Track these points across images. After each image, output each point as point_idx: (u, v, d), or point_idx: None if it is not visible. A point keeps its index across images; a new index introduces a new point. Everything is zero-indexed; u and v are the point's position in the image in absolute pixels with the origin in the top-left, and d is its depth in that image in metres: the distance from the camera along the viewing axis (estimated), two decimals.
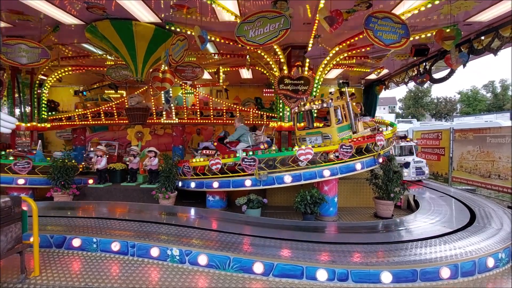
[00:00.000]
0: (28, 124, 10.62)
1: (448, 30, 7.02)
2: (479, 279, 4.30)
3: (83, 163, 10.08)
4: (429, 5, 6.42)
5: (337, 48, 8.80)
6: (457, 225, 5.87)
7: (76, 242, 5.07)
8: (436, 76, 10.40)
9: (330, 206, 7.00)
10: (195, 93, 12.10)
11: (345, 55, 9.40)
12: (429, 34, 7.81)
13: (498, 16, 7.06)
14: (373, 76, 13.07)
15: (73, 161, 8.82)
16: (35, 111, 10.78)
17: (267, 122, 11.21)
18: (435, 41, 7.31)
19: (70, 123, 11.68)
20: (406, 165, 10.50)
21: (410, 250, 4.75)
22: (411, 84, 11.71)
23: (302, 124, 8.64)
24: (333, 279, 4.12)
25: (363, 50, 9.13)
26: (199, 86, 12.96)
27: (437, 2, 6.32)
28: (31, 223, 4.24)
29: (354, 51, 9.30)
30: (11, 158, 8.36)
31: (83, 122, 11.72)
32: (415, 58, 9.48)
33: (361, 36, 7.82)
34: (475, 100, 47.90)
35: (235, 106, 12.03)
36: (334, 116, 7.45)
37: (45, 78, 11.27)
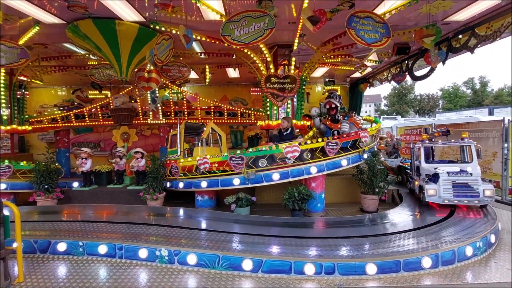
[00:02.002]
0: (8, 127, 10.27)
1: (427, 29, 7.26)
2: (459, 267, 4.50)
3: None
4: (409, 5, 6.62)
5: (322, 47, 8.95)
6: (438, 217, 6.11)
7: (62, 247, 4.98)
8: (418, 73, 10.73)
9: (318, 202, 7.13)
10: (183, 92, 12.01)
11: (330, 54, 9.56)
12: (409, 33, 8.05)
13: (474, 15, 7.36)
14: (358, 74, 13.35)
15: (56, 164, 8.60)
16: (15, 113, 10.43)
17: (255, 121, 11.27)
18: (415, 40, 7.55)
19: (52, 125, 11.37)
20: (435, 177, 6.62)
21: (394, 242, 4.91)
22: (394, 82, 12.03)
23: None
24: (320, 272, 4.22)
25: (347, 48, 9.31)
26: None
27: (416, 2, 6.53)
28: (13, 229, 4.14)
29: (338, 50, 9.47)
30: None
31: (66, 124, 11.43)
32: (397, 56, 9.75)
33: (344, 35, 7.97)
34: (456, 97, 49.57)
35: (222, 104, 12.02)
36: None
37: (24, 79, 10.92)
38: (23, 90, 10.73)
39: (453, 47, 8.32)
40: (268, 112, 9.85)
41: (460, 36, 8.24)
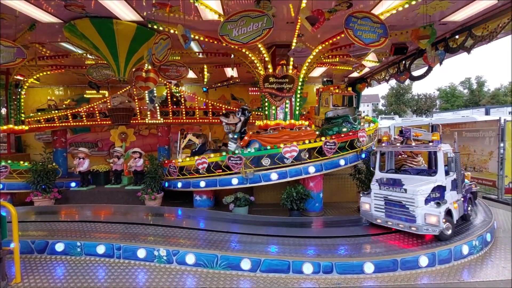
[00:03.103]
0: (4, 127, 10.19)
1: (424, 30, 7.30)
2: (455, 266, 4.54)
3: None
4: (406, 6, 6.64)
5: (320, 47, 8.95)
6: None
7: (59, 247, 4.96)
8: (415, 73, 10.77)
9: (316, 201, 7.15)
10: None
11: (328, 54, 9.58)
12: (406, 33, 8.08)
13: (471, 16, 7.39)
14: (356, 74, 13.38)
15: (53, 164, 8.56)
16: (11, 113, 10.35)
17: (253, 121, 11.27)
18: (411, 40, 7.59)
19: (49, 125, 11.31)
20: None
21: (391, 241, 4.94)
22: (392, 82, 12.10)
23: None
24: (318, 271, 4.24)
25: (344, 48, 9.33)
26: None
27: (413, 3, 6.55)
28: (10, 229, 4.12)
29: (336, 50, 9.49)
30: None
31: (63, 124, 11.37)
32: (396, 56, 9.78)
33: (342, 35, 7.98)
34: (453, 96, 49.81)
35: (220, 105, 12.01)
36: None
37: (21, 78, 10.84)
38: (19, 90, 10.65)
39: (450, 47, 8.35)
40: (267, 112, 9.86)
41: (457, 37, 8.28)
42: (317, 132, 8.00)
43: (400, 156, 7.45)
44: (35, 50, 9.18)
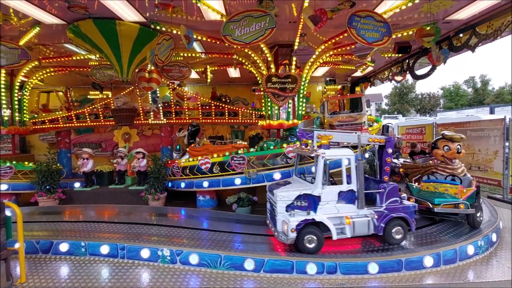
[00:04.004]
0: (9, 128, 10.26)
1: (428, 28, 7.25)
2: (460, 266, 4.50)
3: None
4: (410, 4, 6.60)
5: (322, 46, 8.93)
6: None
7: (64, 247, 4.99)
8: (419, 72, 10.70)
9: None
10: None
11: (331, 53, 9.54)
12: (410, 32, 8.03)
13: (475, 14, 7.33)
14: (359, 73, 13.32)
15: (57, 165, 8.62)
16: (16, 114, 10.44)
17: (256, 121, 11.27)
18: (416, 38, 7.54)
19: (54, 125, 11.38)
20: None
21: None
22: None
23: None
24: (322, 272, 4.23)
25: (348, 48, 9.29)
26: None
27: (417, 1, 6.51)
28: (15, 229, 4.15)
29: (339, 49, 9.45)
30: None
31: (67, 125, 11.44)
32: (399, 55, 9.73)
33: (345, 35, 7.95)
34: (457, 95, 49.39)
35: (223, 105, 12.02)
36: None
37: (26, 79, 10.93)
38: (23, 91, 10.73)
39: (454, 46, 8.29)
40: (269, 112, 9.84)
41: (461, 35, 8.21)
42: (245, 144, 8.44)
43: (430, 162, 7.05)
44: (39, 51, 9.25)
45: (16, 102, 10.39)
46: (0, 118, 10.02)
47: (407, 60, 10.69)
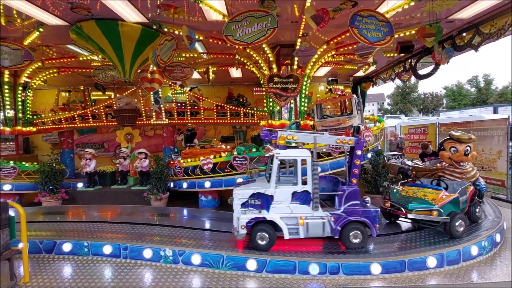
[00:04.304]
0: (12, 128, 10.34)
1: (430, 28, 7.21)
2: (464, 267, 4.47)
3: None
4: (412, 3, 6.57)
5: (324, 46, 8.91)
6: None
7: (67, 247, 5.01)
8: (422, 72, 10.65)
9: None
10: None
11: (333, 53, 9.52)
12: (413, 32, 7.99)
13: (478, 13, 7.28)
14: (361, 73, 13.28)
15: (60, 165, 8.66)
16: (20, 115, 10.50)
17: (258, 121, 11.26)
18: (417, 38, 7.50)
19: (56, 126, 11.44)
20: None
21: (399, 241, 4.89)
22: (398, 81, 11.97)
23: None
24: (324, 272, 4.22)
25: (350, 48, 9.26)
26: None
27: (419, 0, 6.48)
28: (19, 229, 4.17)
29: (341, 49, 9.42)
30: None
31: (70, 125, 11.50)
32: (402, 55, 9.69)
33: (347, 34, 7.93)
34: (460, 95, 49.16)
35: (225, 105, 12.01)
36: None
37: (29, 80, 11.00)
38: (27, 92, 10.80)
39: (457, 45, 8.24)
40: (271, 112, 9.84)
41: (464, 34, 8.17)
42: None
43: (438, 164, 6.68)
44: (42, 52, 9.30)
45: (20, 103, 10.45)
46: (4, 119, 10.09)
47: (409, 60, 10.64)
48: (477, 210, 5.62)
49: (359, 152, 4.93)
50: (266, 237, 4.55)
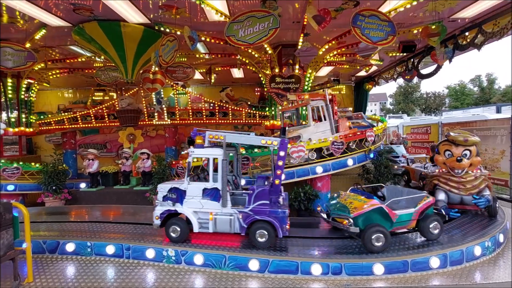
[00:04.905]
0: (16, 129, 10.41)
1: (433, 27, 7.18)
2: (467, 267, 4.45)
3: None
4: (414, 3, 6.55)
5: (326, 46, 8.89)
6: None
7: (70, 247, 5.04)
8: (424, 71, 10.61)
9: (324, 202, 7.08)
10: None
11: (335, 52, 9.50)
12: (415, 31, 7.97)
13: (481, 12, 7.24)
14: (363, 73, 13.25)
15: (63, 165, 8.71)
16: (23, 116, 10.57)
17: (260, 121, 11.26)
18: (421, 37, 7.47)
19: (59, 127, 11.50)
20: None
21: (402, 242, 4.87)
22: (400, 80, 11.93)
23: None
24: (327, 273, 4.21)
25: (352, 47, 9.24)
26: None
27: (421, 0, 6.46)
28: (22, 229, 4.20)
29: (343, 49, 9.41)
30: None
31: (73, 126, 11.55)
32: (404, 54, 9.65)
33: (349, 34, 7.92)
34: (463, 95, 48.85)
35: (227, 105, 12.03)
36: None
37: (32, 81, 11.06)
38: (30, 93, 10.86)
39: (459, 44, 8.21)
40: (273, 112, 9.84)
41: (466, 33, 8.13)
42: None
43: (437, 171, 6.05)
44: (45, 53, 9.35)
45: (23, 104, 10.51)
46: (8, 120, 10.15)
47: (411, 59, 10.61)
48: (433, 226, 4.66)
49: (282, 153, 4.91)
50: (177, 230, 4.83)
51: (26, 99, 10.73)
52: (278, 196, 4.81)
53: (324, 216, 5.01)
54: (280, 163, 4.90)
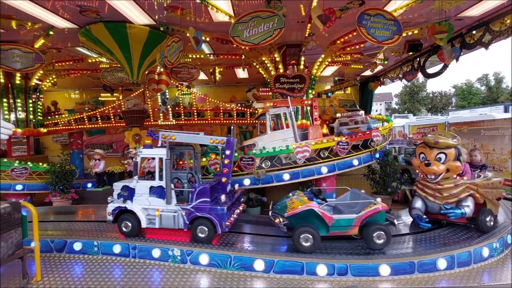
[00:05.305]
0: (24, 130, 10.55)
1: (440, 25, 7.11)
2: (475, 269, 4.39)
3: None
4: (420, 1, 6.49)
5: (332, 46, 8.86)
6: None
7: (77, 246, 5.09)
8: (430, 71, 10.51)
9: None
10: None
11: (340, 52, 9.46)
12: (421, 30, 7.89)
13: (488, 10, 7.15)
14: (368, 73, 13.17)
15: (70, 166, 8.81)
16: (31, 116, 10.71)
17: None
18: (428, 36, 7.40)
19: (66, 127, 11.64)
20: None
21: (408, 243, 4.83)
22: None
23: None
24: (333, 273, 4.19)
25: (357, 47, 9.19)
26: None
27: None
28: (31, 229, 4.26)
29: (348, 48, 9.36)
30: None
31: (79, 126, 11.68)
32: (410, 53, 9.57)
33: (354, 33, 7.88)
34: (470, 94, 48.22)
35: (232, 106, 12.06)
36: None
37: (39, 83, 11.21)
38: (38, 94, 11.01)
39: (467, 43, 8.11)
40: None
41: (474, 32, 8.03)
42: None
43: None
44: (52, 55, 9.48)
45: (31, 105, 10.65)
46: (16, 121, 10.30)
47: (417, 59, 10.51)
48: (376, 235, 4.44)
49: (228, 152, 5.17)
50: (129, 225, 5.08)
51: (34, 100, 10.88)
52: (221, 194, 5.06)
53: (270, 213, 5.15)
54: (226, 161, 5.16)
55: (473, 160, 5.89)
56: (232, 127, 5.91)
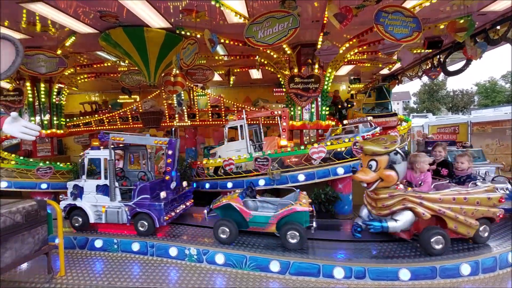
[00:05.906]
0: (48, 131, 11.04)
1: (461, 21, 6.84)
2: (501, 275, 4.18)
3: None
4: None
5: (347, 45, 8.71)
6: None
7: (98, 243, 5.27)
8: (452, 68, 10.12)
9: (345, 204, 6.95)
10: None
11: (356, 51, 9.29)
12: (442, 26, 7.62)
13: None
14: (385, 71, 12.86)
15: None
16: (54, 118, 11.19)
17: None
18: (448, 32, 7.14)
19: (87, 128, 12.08)
20: None
21: None
22: (425, 78, 11.45)
23: None
24: (350, 276, 4.11)
25: (373, 45, 9.00)
26: None
27: None
28: (55, 226, 4.44)
29: (365, 47, 9.17)
30: None
31: (99, 128, 12.09)
32: (430, 51, 9.27)
33: (371, 32, 7.71)
34: (494, 92, 46.05)
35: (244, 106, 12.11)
36: None
37: (62, 86, 11.69)
38: (60, 96, 11.49)
39: (490, 39, 7.76)
40: (292, 113, 9.78)
41: (498, 27, 7.67)
42: None
43: None
44: (74, 59, 9.87)
45: (54, 107, 11.12)
46: (41, 122, 10.79)
47: (438, 56, 10.16)
48: (290, 235, 4.49)
49: (170, 152, 5.68)
50: (79, 220, 5.51)
51: (57, 102, 11.36)
52: (162, 191, 5.54)
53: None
54: (169, 161, 5.68)
55: (458, 167, 5.19)
56: (173, 129, 6.38)
